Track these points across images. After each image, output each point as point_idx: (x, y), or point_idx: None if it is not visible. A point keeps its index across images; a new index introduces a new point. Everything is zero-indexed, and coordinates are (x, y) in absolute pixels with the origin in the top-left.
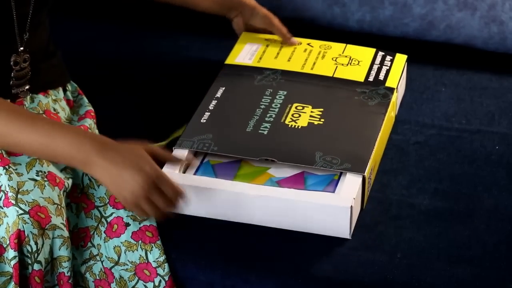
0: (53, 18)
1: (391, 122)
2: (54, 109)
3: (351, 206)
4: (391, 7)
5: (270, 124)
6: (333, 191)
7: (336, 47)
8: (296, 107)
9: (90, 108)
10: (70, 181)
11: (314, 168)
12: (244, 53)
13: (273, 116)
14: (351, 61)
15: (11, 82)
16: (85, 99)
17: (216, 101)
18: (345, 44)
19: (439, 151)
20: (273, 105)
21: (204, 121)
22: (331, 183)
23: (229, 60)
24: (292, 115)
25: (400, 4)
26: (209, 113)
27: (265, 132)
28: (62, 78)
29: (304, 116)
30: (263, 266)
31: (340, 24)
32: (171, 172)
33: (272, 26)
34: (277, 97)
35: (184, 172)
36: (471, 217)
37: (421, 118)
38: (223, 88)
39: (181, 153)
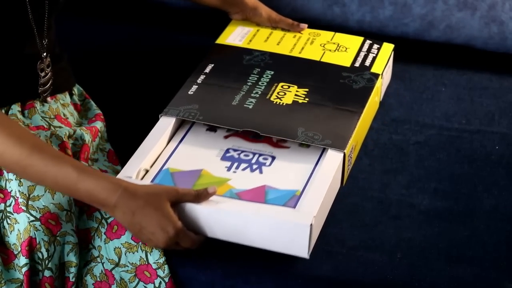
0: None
1: (375, 107)
2: (64, 115)
3: (311, 224)
4: (391, 7)
5: (255, 100)
6: (294, 207)
7: (325, 35)
8: (282, 86)
9: (99, 111)
10: None
11: (275, 182)
12: (235, 35)
13: (259, 92)
14: (339, 48)
15: (39, 90)
16: (93, 103)
17: (204, 76)
18: (333, 32)
19: (439, 151)
20: (259, 83)
21: (192, 93)
22: (292, 199)
23: (219, 40)
24: (278, 93)
25: (400, 4)
26: (196, 86)
27: (250, 106)
28: (69, 81)
29: (289, 94)
30: (263, 266)
31: (340, 24)
32: (127, 177)
33: (277, 23)
34: (264, 76)
35: (142, 179)
36: (471, 217)
37: (421, 118)
38: (212, 65)
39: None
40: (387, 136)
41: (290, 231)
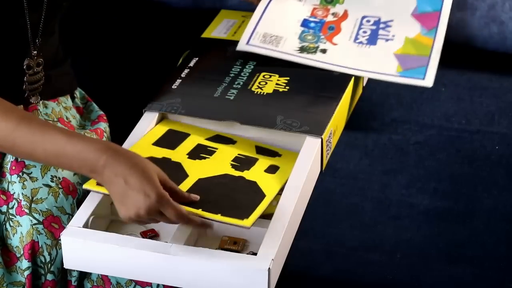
0: None
1: (357, 92)
2: (67, 118)
3: (269, 268)
4: None
5: (237, 91)
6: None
7: None
8: (263, 76)
9: (101, 112)
10: (81, 188)
11: None
12: (221, 28)
13: (241, 83)
14: None
15: (24, 86)
16: (95, 105)
17: (188, 70)
18: None
19: (439, 151)
20: (242, 74)
21: (175, 87)
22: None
23: (205, 34)
24: (259, 82)
25: None
26: (180, 80)
27: (232, 98)
28: (71, 85)
29: (270, 83)
30: None
31: None
32: (77, 227)
33: None
34: (246, 66)
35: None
36: (471, 217)
37: (421, 118)
38: (196, 59)
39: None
40: (387, 136)
41: (247, 277)
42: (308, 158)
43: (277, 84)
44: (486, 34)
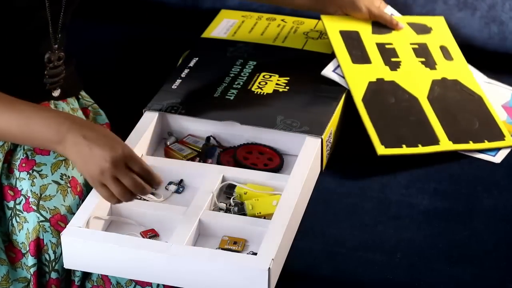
0: None
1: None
2: None
3: (269, 268)
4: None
5: (237, 91)
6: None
7: (309, 23)
8: (263, 76)
9: (107, 121)
10: (87, 189)
11: None
12: (220, 28)
13: (241, 83)
14: (322, 36)
15: (44, 80)
16: (102, 111)
17: (188, 70)
18: (317, 20)
19: None
20: (242, 74)
21: (175, 87)
22: None
23: (205, 34)
24: (259, 83)
25: (400, 4)
26: (180, 80)
27: (232, 98)
28: (77, 86)
29: (270, 84)
30: None
31: None
32: (77, 228)
33: (375, 18)
34: (246, 66)
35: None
36: (471, 217)
37: None
38: (196, 59)
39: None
40: None
41: (247, 277)
42: (308, 158)
43: (277, 84)
44: (486, 34)
